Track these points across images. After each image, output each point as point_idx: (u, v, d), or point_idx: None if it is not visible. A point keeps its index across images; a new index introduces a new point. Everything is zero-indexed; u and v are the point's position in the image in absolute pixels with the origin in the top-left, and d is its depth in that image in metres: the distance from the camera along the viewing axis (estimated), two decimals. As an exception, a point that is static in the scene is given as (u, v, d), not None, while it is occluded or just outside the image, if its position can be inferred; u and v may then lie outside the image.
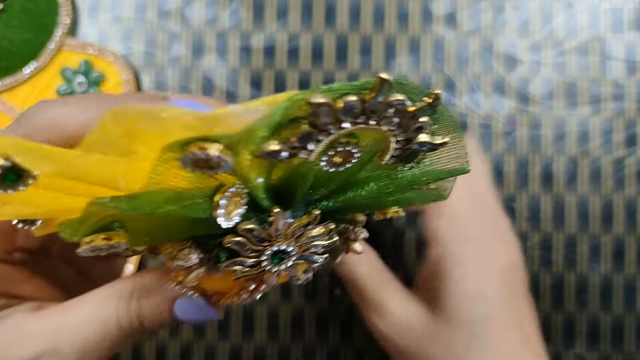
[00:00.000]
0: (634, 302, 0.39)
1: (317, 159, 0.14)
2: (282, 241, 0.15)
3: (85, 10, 0.40)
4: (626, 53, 0.40)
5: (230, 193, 0.14)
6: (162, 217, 0.14)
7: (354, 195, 0.16)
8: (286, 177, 0.15)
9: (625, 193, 0.39)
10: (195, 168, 0.13)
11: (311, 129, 0.13)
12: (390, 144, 0.15)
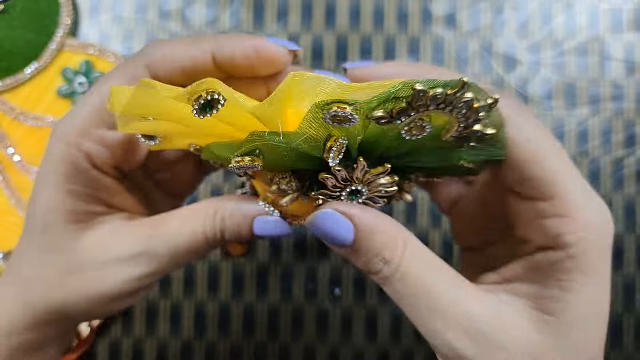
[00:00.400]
0: (632, 301, 0.39)
1: (402, 127, 0.19)
2: (358, 183, 0.20)
3: (86, 11, 0.41)
4: (625, 53, 0.40)
5: (338, 143, 0.19)
6: (289, 151, 0.19)
7: (416, 159, 0.20)
8: (374, 137, 0.19)
9: (624, 193, 0.40)
10: (332, 121, 0.18)
11: (407, 107, 0.18)
12: (454, 127, 0.19)
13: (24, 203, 0.40)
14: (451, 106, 0.18)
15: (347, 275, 0.40)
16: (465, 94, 0.18)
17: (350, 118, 0.18)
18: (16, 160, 0.40)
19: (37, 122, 0.40)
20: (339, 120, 0.18)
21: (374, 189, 0.20)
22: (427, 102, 0.18)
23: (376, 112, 0.18)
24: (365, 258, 0.20)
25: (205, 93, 0.18)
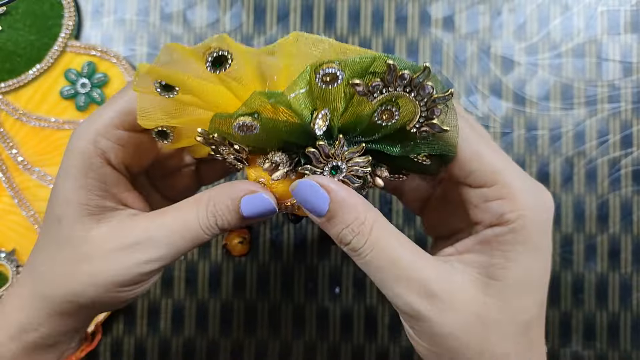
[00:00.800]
0: (629, 300, 0.40)
1: (376, 106, 0.22)
2: (339, 160, 0.23)
3: (89, 13, 0.41)
4: (622, 55, 0.40)
5: (322, 114, 0.22)
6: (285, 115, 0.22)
7: (386, 146, 0.24)
8: (352, 121, 0.23)
9: (621, 193, 0.40)
10: (322, 83, 0.21)
11: (380, 82, 0.21)
12: (416, 116, 0.22)
13: (27, 203, 0.40)
14: (415, 91, 0.22)
15: (347, 274, 0.40)
16: (427, 80, 0.21)
17: (338, 75, 0.21)
18: (19, 160, 0.40)
19: (40, 123, 0.40)
20: (328, 80, 0.21)
21: (351, 168, 0.23)
22: (396, 80, 0.21)
23: (355, 80, 0.21)
24: (337, 228, 0.23)
25: (216, 49, 0.21)
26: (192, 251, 0.40)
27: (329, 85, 0.21)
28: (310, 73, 0.21)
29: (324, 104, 0.22)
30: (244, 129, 0.22)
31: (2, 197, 0.40)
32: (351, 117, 0.23)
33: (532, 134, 0.40)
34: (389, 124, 0.23)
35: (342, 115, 0.23)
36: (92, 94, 0.40)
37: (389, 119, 0.23)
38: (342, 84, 0.22)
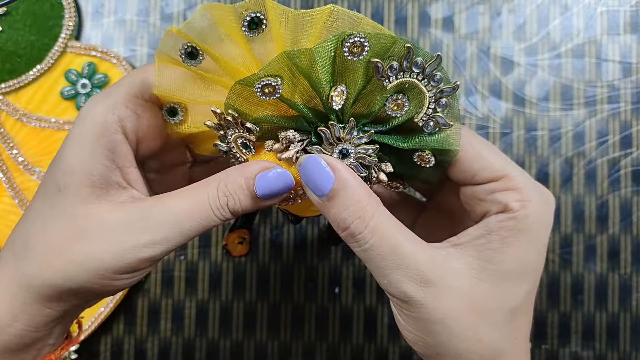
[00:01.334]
0: (629, 301, 0.40)
1: (389, 93, 0.23)
2: (348, 144, 0.23)
3: (89, 14, 0.41)
4: (621, 55, 0.40)
5: (339, 90, 0.23)
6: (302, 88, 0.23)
7: (394, 137, 0.24)
8: (364, 106, 0.24)
9: (621, 194, 0.40)
10: (348, 54, 0.22)
11: (398, 65, 0.22)
12: (424, 107, 0.23)
13: (27, 203, 0.40)
14: (427, 80, 0.23)
15: (347, 274, 0.40)
16: (438, 69, 0.23)
17: (365, 46, 0.22)
18: (20, 161, 0.40)
19: (41, 123, 0.40)
20: (355, 51, 0.22)
21: (359, 154, 0.24)
22: (412, 66, 0.23)
23: (376, 59, 0.22)
24: (338, 209, 0.22)
25: (254, 10, 0.22)
26: (192, 251, 0.41)
27: (355, 57, 0.22)
28: (338, 42, 0.22)
29: (343, 80, 0.23)
30: (266, 90, 0.22)
31: (3, 197, 0.40)
32: (364, 105, 0.24)
33: (532, 134, 0.40)
34: (398, 115, 0.24)
35: (357, 100, 0.23)
36: (92, 95, 0.40)
37: (399, 109, 0.24)
38: (365, 60, 0.22)
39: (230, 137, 0.25)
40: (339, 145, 0.23)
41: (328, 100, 0.23)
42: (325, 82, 0.23)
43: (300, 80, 0.23)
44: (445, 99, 0.23)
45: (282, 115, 0.24)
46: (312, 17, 0.22)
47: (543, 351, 0.40)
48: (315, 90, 0.23)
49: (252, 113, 0.24)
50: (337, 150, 0.23)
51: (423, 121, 0.24)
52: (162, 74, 0.24)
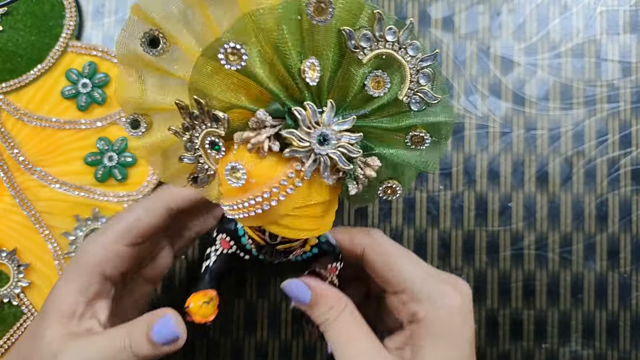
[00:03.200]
0: (628, 300, 0.40)
1: (368, 64, 0.22)
2: (327, 128, 0.22)
3: (90, 13, 0.41)
4: (621, 55, 0.40)
5: (310, 62, 0.21)
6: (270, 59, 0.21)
7: (378, 119, 0.23)
8: (341, 84, 0.22)
9: (620, 193, 0.40)
10: (312, 14, 0.20)
11: (370, 33, 0.21)
12: (407, 81, 0.22)
13: (28, 203, 0.40)
14: (403, 49, 0.22)
15: (347, 273, 0.40)
16: (412, 38, 0.22)
17: (330, 4, 0.20)
18: (20, 160, 0.40)
19: (42, 123, 0.40)
20: (320, 11, 0.20)
21: (340, 144, 0.22)
22: (385, 35, 0.21)
23: (346, 27, 0.21)
24: (317, 313, 0.28)
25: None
26: (192, 251, 0.41)
27: (321, 22, 0.20)
28: (300, 6, 0.20)
29: (313, 51, 0.21)
30: (231, 58, 0.20)
31: (4, 196, 0.40)
32: (341, 84, 0.22)
33: (532, 133, 0.40)
34: (380, 94, 0.22)
35: (333, 78, 0.22)
36: (93, 94, 0.40)
37: (381, 87, 0.22)
38: (333, 27, 0.21)
39: (197, 139, 0.23)
40: (317, 130, 0.22)
41: (300, 75, 0.21)
42: (295, 53, 0.21)
43: (267, 50, 0.21)
44: (428, 70, 0.22)
45: (253, 100, 0.22)
46: None
47: (543, 350, 0.40)
48: (284, 62, 0.21)
49: (219, 96, 0.22)
50: (315, 135, 0.22)
51: (408, 97, 0.22)
52: (122, 83, 0.24)
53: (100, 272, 0.29)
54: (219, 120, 0.22)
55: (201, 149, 0.23)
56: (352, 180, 0.23)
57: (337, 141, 0.22)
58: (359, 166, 0.23)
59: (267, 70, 0.21)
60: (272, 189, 0.22)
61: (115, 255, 0.29)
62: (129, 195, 0.40)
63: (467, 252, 0.40)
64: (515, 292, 0.40)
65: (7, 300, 0.40)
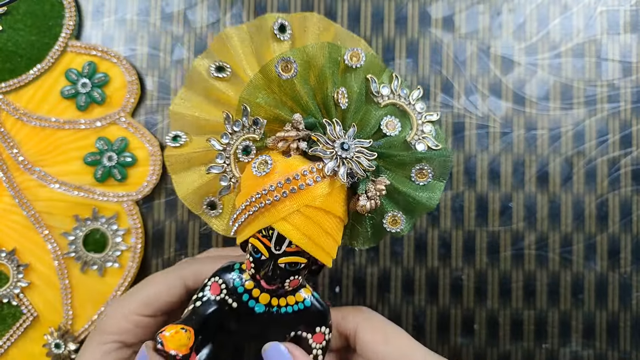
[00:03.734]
0: (629, 300, 0.40)
1: (384, 109, 0.28)
2: (349, 139, 0.26)
3: (89, 13, 0.41)
4: (621, 54, 0.40)
5: (342, 91, 0.27)
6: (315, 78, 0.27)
7: (389, 148, 0.27)
8: (362, 118, 0.27)
9: (621, 193, 0.40)
10: (348, 60, 0.27)
11: (389, 89, 0.28)
12: (414, 128, 0.28)
13: (27, 203, 0.40)
14: (412, 105, 0.29)
15: (347, 274, 0.40)
16: (419, 102, 0.29)
17: (362, 57, 0.27)
18: (20, 160, 0.40)
19: (41, 122, 0.40)
20: (354, 59, 0.27)
21: (358, 154, 0.26)
22: (399, 92, 0.29)
23: (373, 76, 0.28)
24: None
25: (281, 19, 0.29)
26: (192, 251, 0.41)
27: (353, 65, 0.27)
28: (343, 50, 0.27)
29: (344, 83, 0.27)
30: (285, 69, 0.26)
31: (3, 196, 0.40)
32: (361, 116, 0.27)
33: (532, 133, 0.40)
34: (392, 134, 0.27)
35: (357, 110, 0.27)
36: (92, 94, 0.40)
37: (393, 129, 0.28)
38: (361, 71, 0.27)
39: (231, 147, 0.27)
40: (341, 139, 0.26)
41: (333, 99, 0.27)
42: (331, 83, 0.27)
43: (312, 77, 0.27)
44: (431, 126, 0.28)
45: (291, 114, 0.27)
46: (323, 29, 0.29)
47: (543, 350, 0.40)
48: (322, 88, 0.27)
49: (265, 105, 0.27)
50: (338, 143, 0.26)
51: (415, 140, 0.28)
52: (179, 100, 0.30)
53: (121, 341, 0.31)
54: (257, 124, 0.26)
55: (232, 156, 0.27)
56: (363, 188, 0.26)
57: (355, 150, 0.26)
58: (371, 180, 0.26)
59: (308, 91, 0.27)
60: (294, 176, 0.25)
61: (135, 325, 0.31)
62: (129, 195, 0.40)
63: (468, 252, 0.40)
64: (515, 292, 0.40)
65: (6, 301, 0.40)
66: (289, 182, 0.25)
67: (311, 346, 0.28)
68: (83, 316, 0.40)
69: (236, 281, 0.28)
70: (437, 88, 0.40)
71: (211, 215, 0.30)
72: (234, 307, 0.28)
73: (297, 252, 0.26)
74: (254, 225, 0.26)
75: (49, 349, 0.39)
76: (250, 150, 0.27)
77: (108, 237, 0.40)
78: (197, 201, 0.30)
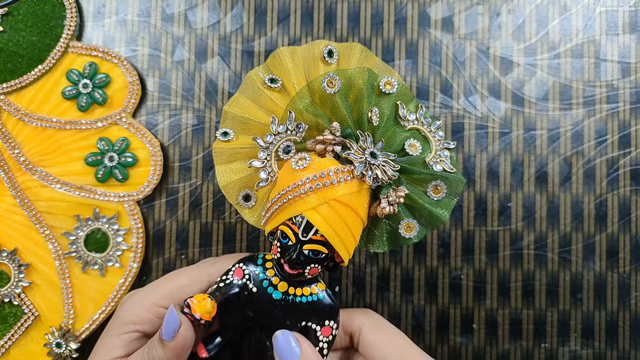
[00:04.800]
0: (628, 299, 0.40)
1: (409, 132, 0.32)
2: (377, 150, 0.30)
3: (91, 14, 0.41)
4: (620, 55, 0.41)
5: (375, 111, 0.31)
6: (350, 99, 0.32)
7: (411, 164, 0.31)
8: (389, 137, 0.31)
9: (620, 193, 0.40)
10: (385, 86, 0.32)
11: (415, 115, 0.33)
12: (433, 152, 0.32)
13: (29, 203, 0.40)
14: (434, 133, 0.33)
15: (347, 273, 0.41)
16: (440, 130, 0.33)
17: (395, 85, 0.32)
18: (21, 160, 0.40)
19: (42, 123, 0.40)
20: (387, 87, 0.32)
21: (384, 162, 0.30)
22: (423, 119, 0.33)
23: (403, 103, 0.32)
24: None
25: (330, 46, 0.33)
26: (192, 250, 0.41)
27: (385, 91, 0.32)
28: (379, 78, 0.32)
29: (378, 105, 0.31)
30: (329, 84, 0.31)
31: (5, 196, 0.41)
32: (388, 135, 0.31)
33: (531, 134, 0.40)
34: (414, 154, 0.31)
35: (385, 129, 0.31)
36: (93, 95, 0.40)
37: (415, 149, 0.31)
38: (391, 97, 0.32)
39: (274, 146, 0.31)
40: (370, 149, 0.30)
41: (367, 117, 0.31)
42: (367, 103, 0.31)
43: (351, 96, 0.31)
44: (448, 152, 0.32)
45: (329, 122, 0.31)
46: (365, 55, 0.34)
47: (542, 349, 0.40)
48: (359, 106, 0.31)
49: (307, 112, 0.31)
50: (368, 152, 0.30)
51: (433, 162, 0.31)
52: (234, 100, 0.33)
53: (142, 331, 0.31)
54: (300, 128, 0.30)
55: (274, 153, 0.31)
56: (385, 193, 0.30)
57: (382, 160, 0.30)
58: (392, 188, 0.30)
59: (346, 106, 0.31)
60: (328, 172, 0.29)
61: (156, 316, 0.31)
62: (130, 196, 0.40)
63: (467, 252, 0.40)
64: (514, 291, 0.40)
65: (7, 300, 0.40)
66: (322, 176, 0.29)
67: (318, 338, 0.31)
68: (84, 316, 0.40)
69: (259, 268, 0.31)
70: (437, 88, 0.40)
71: (245, 206, 0.33)
72: (253, 292, 0.31)
73: (321, 241, 0.29)
74: (286, 212, 0.29)
75: (50, 348, 0.39)
76: (290, 149, 0.31)
77: (109, 237, 0.40)
78: (235, 192, 0.33)
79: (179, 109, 0.41)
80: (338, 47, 0.33)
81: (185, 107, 0.41)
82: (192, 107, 0.41)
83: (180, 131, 0.41)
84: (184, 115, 0.41)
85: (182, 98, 0.41)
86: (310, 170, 0.29)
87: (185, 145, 0.41)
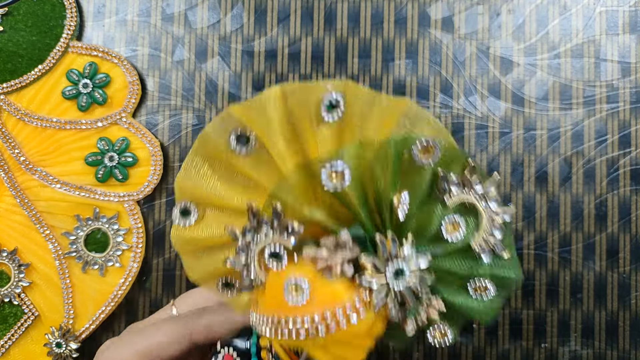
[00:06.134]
0: (628, 299, 0.40)
1: (451, 209, 0.22)
2: (403, 262, 0.21)
3: (91, 14, 0.41)
4: (620, 55, 0.40)
5: (404, 196, 0.21)
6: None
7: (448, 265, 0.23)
8: (422, 221, 0.22)
9: (620, 193, 0.40)
10: (418, 155, 0.21)
11: (460, 181, 0.22)
12: (481, 231, 0.22)
13: (29, 203, 0.40)
14: (485, 201, 0.22)
15: (347, 273, 0.41)
16: (494, 195, 0.22)
17: (437, 153, 0.21)
18: (21, 160, 0.40)
19: (42, 123, 0.40)
20: (425, 156, 0.21)
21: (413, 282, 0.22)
22: (473, 184, 0.22)
23: (442, 170, 0.22)
24: None
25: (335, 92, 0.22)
26: (193, 250, 0.41)
27: (421, 162, 0.21)
28: (409, 144, 0.21)
29: (405, 183, 0.22)
30: (334, 177, 0.21)
31: (4, 196, 0.41)
32: (422, 219, 0.22)
33: (531, 134, 0.40)
34: (453, 239, 0.22)
35: (416, 214, 0.22)
36: (93, 95, 0.40)
37: (455, 230, 0.22)
38: (430, 168, 0.22)
39: (256, 246, 0.22)
40: (395, 262, 0.21)
41: (391, 206, 0.22)
42: (391, 185, 0.21)
43: (366, 177, 0.21)
44: (501, 224, 0.22)
45: (333, 218, 0.22)
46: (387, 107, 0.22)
47: (542, 349, 0.40)
48: (378, 191, 0.22)
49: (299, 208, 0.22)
50: (393, 268, 0.21)
51: (480, 246, 0.22)
52: (186, 168, 0.23)
53: None
54: (292, 231, 0.21)
55: (257, 256, 0.22)
56: (413, 314, 0.22)
57: (410, 278, 0.21)
58: (425, 303, 0.22)
59: (359, 195, 0.21)
60: (335, 312, 0.21)
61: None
62: (130, 195, 0.40)
63: (467, 252, 0.40)
64: (514, 291, 0.40)
65: (7, 300, 0.40)
66: (327, 317, 0.21)
67: None
68: (84, 316, 0.40)
69: (252, 349, 0.26)
70: (437, 88, 0.40)
71: (229, 296, 0.24)
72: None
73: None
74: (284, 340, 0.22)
75: (50, 348, 0.39)
76: (280, 257, 0.22)
77: (109, 237, 0.40)
78: (213, 282, 0.25)
79: (179, 109, 0.41)
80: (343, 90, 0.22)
81: (185, 107, 0.41)
82: (192, 107, 0.41)
83: (180, 131, 0.41)
84: (184, 115, 0.41)
85: (182, 98, 0.41)
86: (310, 308, 0.21)
87: (185, 145, 0.41)
